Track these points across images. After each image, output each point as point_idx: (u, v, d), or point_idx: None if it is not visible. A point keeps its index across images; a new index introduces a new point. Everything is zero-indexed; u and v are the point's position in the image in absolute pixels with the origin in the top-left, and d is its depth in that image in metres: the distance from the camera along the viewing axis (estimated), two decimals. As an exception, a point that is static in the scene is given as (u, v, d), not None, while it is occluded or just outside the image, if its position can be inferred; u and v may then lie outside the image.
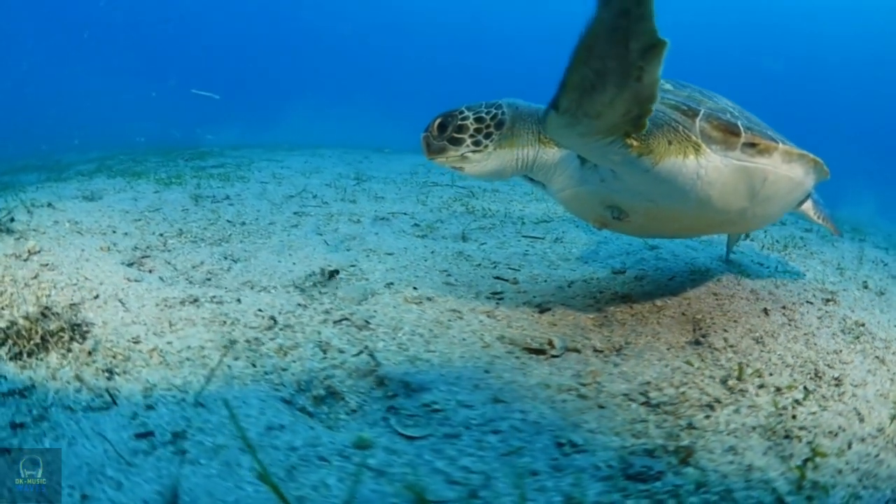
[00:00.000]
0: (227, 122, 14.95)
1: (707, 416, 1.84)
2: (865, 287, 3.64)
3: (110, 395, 1.81)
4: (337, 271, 3.06)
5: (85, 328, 2.13)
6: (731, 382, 2.08)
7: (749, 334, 2.52)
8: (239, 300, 2.58)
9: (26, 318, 2.16)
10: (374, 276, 3.13)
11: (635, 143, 2.03)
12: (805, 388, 2.09)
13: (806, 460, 1.68)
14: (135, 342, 2.10)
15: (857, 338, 2.67)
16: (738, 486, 1.53)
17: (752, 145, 2.27)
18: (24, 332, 2.05)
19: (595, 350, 2.35)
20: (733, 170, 2.26)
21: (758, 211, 2.51)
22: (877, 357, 2.50)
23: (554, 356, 2.25)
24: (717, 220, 2.55)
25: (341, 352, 2.23)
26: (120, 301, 2.42)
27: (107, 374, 1.91)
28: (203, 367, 2.02)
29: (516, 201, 5.37)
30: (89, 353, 1.98)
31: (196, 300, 2.52)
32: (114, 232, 3.55)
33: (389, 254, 3.64)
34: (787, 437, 1.78)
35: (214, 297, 2.59)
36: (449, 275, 3.30)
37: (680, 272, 3.46)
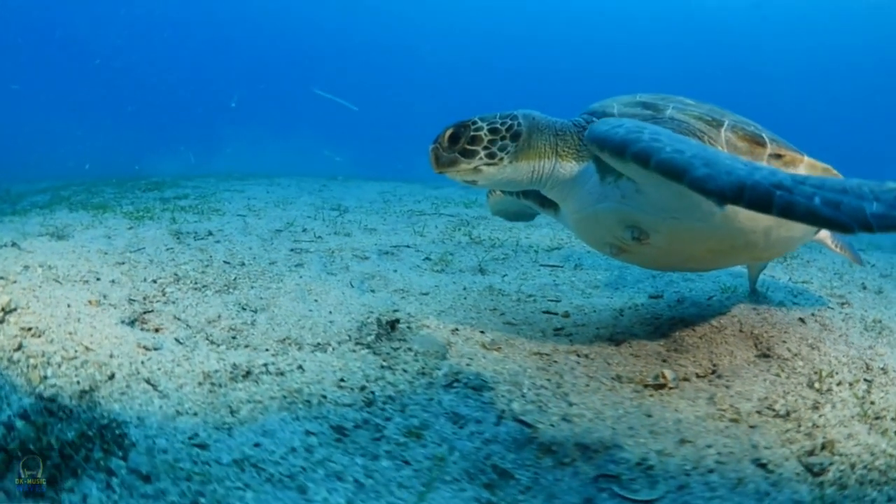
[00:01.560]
0: (169, 151, 13.60)
1: (820, 415, 1.88)
2: (864, 288, 3.55)
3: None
4: (397, 320, 2.45)
5: (118, 431, 1.41)
6: (816, 385, 2.11)
7: (803, 342, 2.51)
8: (301, 367, 1.92)
9: (25, 418, 1.41)
10: (431, 322, 2.55)
11: None
12: (865, 379, 2.18)
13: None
14: (201, 447, 1.41)
15: (880, 333, 2.73)
16: (868, 461, 1.62)
17: (778, 157, 2.08)
18: (28, 447, 1.31)
19: (697, 376, 2.21)
20: None
21: (783, 232, 2.20)
22: None
23: (671, 388, 2.08)
24: (741, 242, 2.18)
25: (479, 422, 1.71)
26: (148, 382, 1.70)
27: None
28: (336, 479, 1.36)
29: (518, 228, 4.91)
30: (145, 478, 1.26)
31: (248, 372, 1.84)
32: (97, 279, 2.73)
33: (424, 293, 3.06)
34: (877, 417, 1.88)
35: (266, 364, 1.92)
36: (501, 314, 2.81)
37: (713, 291, 3.24)
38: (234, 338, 2.33)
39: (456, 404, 1.84)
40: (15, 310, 2.07)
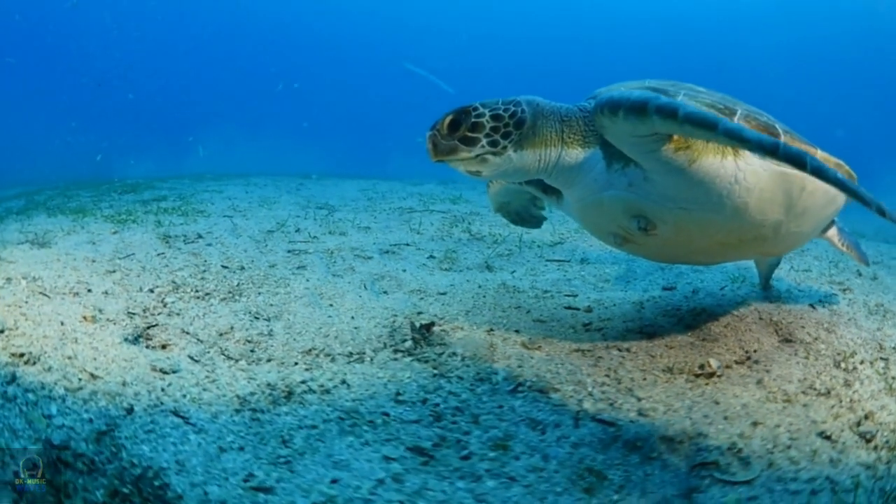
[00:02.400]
0: (140, 153, 12.73)
1: (854, 391, 1.91)
2: (860, 275, 3.51)
3: None
4: (433, 324, 2.20)
5: (157, 482, 1.11)
6: (843, 365, 2.12)
7: (820, 327, 2.49)
8: (345, 382, 1.66)
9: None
10: (462, 324, 2.32)
11: (675, 136, 1.76)
12: (881, 358, 2.20)
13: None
14: (264, 490, 1.12)
15: (884, 316, 2.73)
16: None
17: None
18: (46, 508, 1.01)
19: (736, 363, 2.13)
20: (772, 175, 1.89)
21: (792, 227, 2.10)
22: None
23: (719, 375, 2.00)
24: (750, 236, 2.08)
25: (558, 426, 1.57)
26: (176, 414, 1.40)
27: None
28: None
29: (510, 226, 4.63)
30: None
31: (288, 393, 1.56)
32: (89, 290, 2.37)
33: (442, 293, 2.81)
34: None
35: (304, 381, 1.65)
36: (527, 311, 2.61)
37: (723, 282, 3.12)
38: (252, 351, 2.03)
39: (529, 410, 1.67)
40: (2, 332, 1.72)
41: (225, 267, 3.04)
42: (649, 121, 1.65)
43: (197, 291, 2.59)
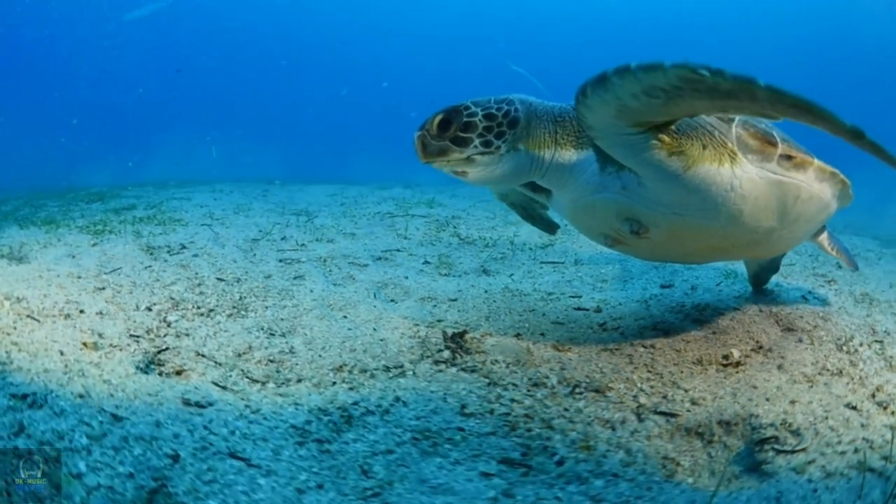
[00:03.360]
0: (99, 160, 11.66)
1: (860, 370, 1.99)
2: (840, 267, 3.59)
3: None
4: (465, 332, 2.03)
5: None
6: (845, 348, 2.18)
7: (816, 316, 2.53)
8: (399, 399, 1.47)
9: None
10: (489, 330, 2.19)
11: (666, 138, 1.65)
12: (876, 340, 2.28)
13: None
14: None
15: (871, 303, 2.81)
16: None
17: (789, 158, 1.84)
18: None
19: (753, 352, 2.15)
20: (768, 183, 1.81)
21: (784, 233, 2.05)
22: (894, 314, 2.69)
23: (742, 364, 2.02)
24: (742, 241, 2.03)
25: (624, 422, 1.53)
26: (233, 456, 1.16)
27: None
28: None
29: (503, 226, 4.56)
30: None
31: (348, 417, 1.35)
32: (81, 311, 2.05)
33: (452, 300, 2.65)
34: None
35: (357, 403, 1.45)
36: (542, 314, 2.53)
37: (718, 278, 3.14)
38: (277, 371, 1.80)
39: (594, 410, 1.62)
40: None
41: (221, 279, 2.74)
42: (634, 79, 1.42)
43: (199, 308, 2.30)
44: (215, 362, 1.80)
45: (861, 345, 2.20)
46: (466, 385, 1.68)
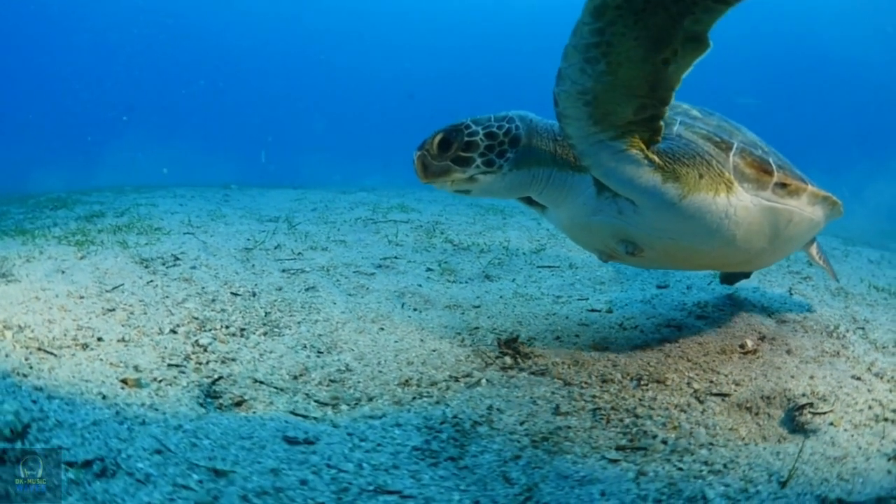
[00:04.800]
0: (52, 165, 10.22)
1: (853, 351, 2.14)
2: (811, 265, 3.71)
3: None
4: (517, 338, 1.92)
5: None
6: (834, 335, 2.30)
7: (802, 308, 2.64)
8: (492, 407, 1.36)
9: None
10: (528, 333, 2.13)
11: (658, 159, 1.56)
12: (859, 327, 2.41)
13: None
14: None
15: (847, 296, 2.95)
16: None
17: (784, 185, 1.78)
18: None
19: (761, 340, 2.21)
20: (761, 210, 1.75)
21: (776, 252, 2.04)
22: (868, 305, 2.85)
23: (756, 351, 2.08)
24: (733, 261, 2.02)
25: (689, 405, 1.46)
26: (386, 491, 0.98)
27: None
28: None
29: (491, 231, 4.44)
30: None
31: (462, 431, 1.21)
32: (100, 340, 1.71)
33: (476, 307, 2.53)
34: (884, 347, 2.23)
35: (457, 416, 1.32)
36: (565, 317, 2.48)
37: (708, 277, 3.23)
38: (343, 391, 1.59)
39: (664, 398, 1.68)
40: (27, 428, 1.09)
41: (235, 294, 2.43)
42: (572, 50, 1.35)
43: (227, 327, 2.01)
44: (276, 388, 1.55)
45: (847, 331, 2.34)
46: (546, 388, 1.62)
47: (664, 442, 1.39)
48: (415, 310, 2.48)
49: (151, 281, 2.47)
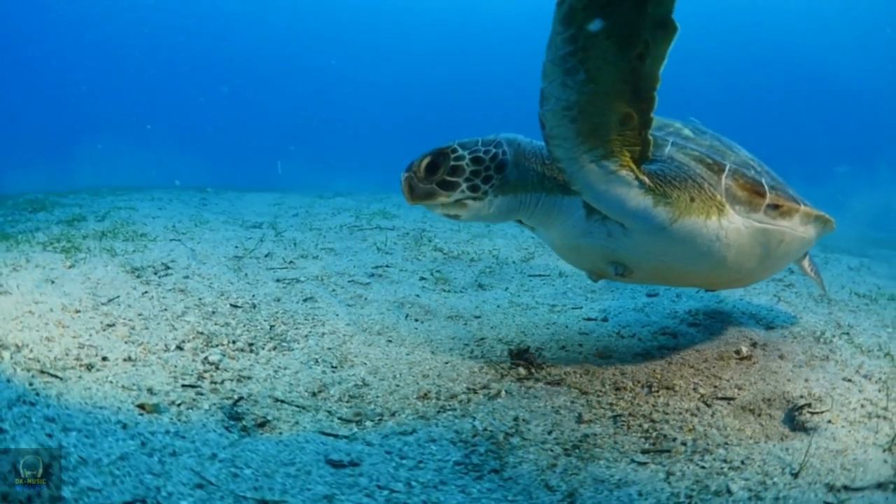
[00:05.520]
0: (22, 165, 9.47)
1: (840, 355, 2.20)
2: (793, 272, 3.75)
3: None
4: (528, 349, 1.93)
5: None
6: (821, 340, 2.37)
7: (788, 315, 2.69)
8: (518, 418, 1.34)
9: None
10: (534, 343, 2.12)
11: (648, 181, 1.51)
12: (843, 333, 2.49)
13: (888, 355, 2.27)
14: None
15: (829, 302, 3.05)
16: (888, 372, 2.07)
17: (776, 207, 1.73)
18: None
19: (753, 346, 2.25)
20: (753, 231, 1.71)
21: (766, 271, 2.00)
22: (850, 311, 2.94)
23: (751, 357, 2.12)
24: (723, 280, 1.98)
25: (699, 409, 1.34)
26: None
27: None
28: None
29: (478, 240, 4.41)
30: None
31: (497, 442, 1.18)
32: (104, 359, 1.59)
33: (477, 316, 2.52)
34: (869, 351, 2.28)
35: (487, 429, 1.29)
36: (565, 326, 2.49)
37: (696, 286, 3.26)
38: (363, 407, 1.53)
39: (675, 403, 1.72)
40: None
41: (235, 306, 2.32)
42: (550, 65, 1.32)
43: (234, 342, 1.91)
44: (297, 406, 1.48)
45: (833, 336, 2.42)
46: (564, 397, 1.64)
47: (684, 444, 1.44)
48: (417, 321, 2.43)
49: (146, 292, 2.32)
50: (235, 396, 1.48)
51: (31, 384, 1.33)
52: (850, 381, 1.93)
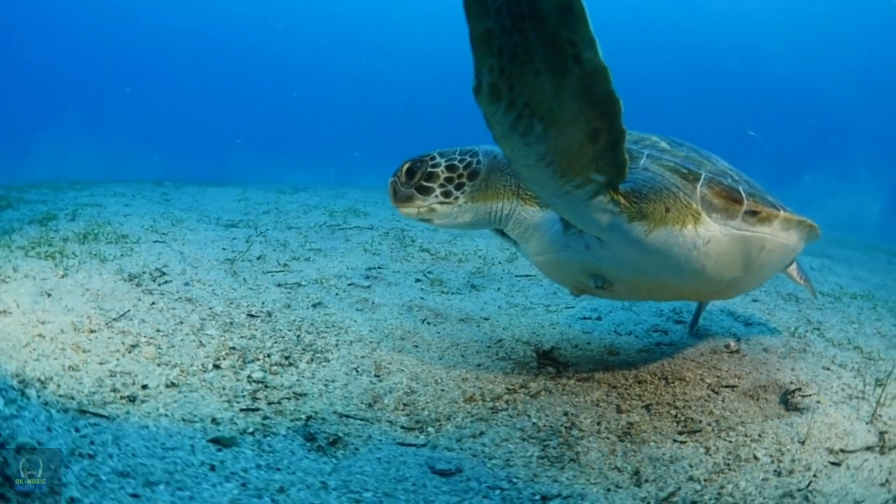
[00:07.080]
0: None
1: (815, 348, 2.32)
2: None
3: None
4: (553, 349, 1.95)
5: None
6: (796, 336, 2.47)
7: (763, 313, 2.82)
8: (568, 413, 1.37)
9: None
10: (553, 343, 2.15)
11: (623, 200, 1.39)
12: (815, 328, 2.64)
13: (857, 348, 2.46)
14: None
15: (797, 300, 3.16)
16: (858, 362, 2.26)
17: (754, 213, 1.61)
18: None
19: (737, 341, 2.32)
20: (732, 239, 1.60)
21: (750, 281, 1.86)
22: (818, 308, 3.10)
23: (739, 350, 2.21)
24: (706, 291, 1.89)
25: (710, 396, 1.52)
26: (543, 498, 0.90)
27: None
28: None
29: (455, 241, 4.34)
30: None
31: (565, 436, 1.15)
32: (144, 387, 1.40)
33: (486, 318, 2.51)
34: (839, 344, 2.45)
35: (548, 425, 1.27)
36: (568, 325, 2.54)
37: None
38: (420, 413, 1.47)
39: (689, 391, 1.82)
40: None
41: (252, 315, 2.13)
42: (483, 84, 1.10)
43: (269, 356, 1.75)
44: (361, 419, 1.40)
45: (806, 332, 2.57)
46: (598, 392, 1.72)
47: (709, 425, 1.58)
48: (431, 324, 2.37)
49: (154, 303, 2.07)
50: (303, 416, 1.37)
51: (77, 430, 1.12)
52: (828, 369, 2.09)
